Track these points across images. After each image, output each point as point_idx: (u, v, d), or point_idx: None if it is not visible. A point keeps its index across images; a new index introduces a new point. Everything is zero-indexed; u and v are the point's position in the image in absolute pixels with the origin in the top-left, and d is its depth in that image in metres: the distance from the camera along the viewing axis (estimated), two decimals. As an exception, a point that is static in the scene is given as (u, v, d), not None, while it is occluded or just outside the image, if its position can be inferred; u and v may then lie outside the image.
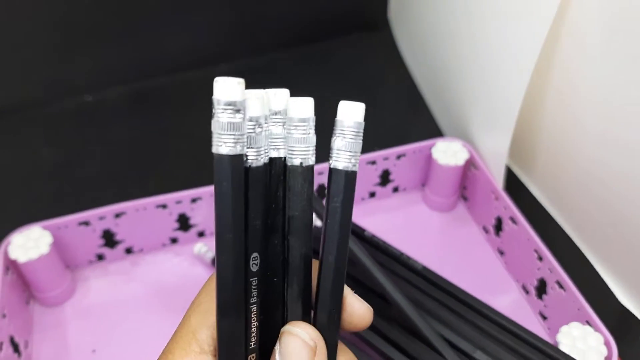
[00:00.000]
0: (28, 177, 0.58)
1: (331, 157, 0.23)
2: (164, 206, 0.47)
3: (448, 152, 0.50)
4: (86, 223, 0.46)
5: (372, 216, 0.53)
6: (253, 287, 0.23)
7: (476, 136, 0.51)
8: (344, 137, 0.23)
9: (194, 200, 0.48)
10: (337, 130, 0.23)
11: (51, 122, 0.64)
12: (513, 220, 0.46)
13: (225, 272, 0.21)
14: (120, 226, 0.47)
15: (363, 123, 0.24)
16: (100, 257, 0.49)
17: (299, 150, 0.24)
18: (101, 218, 0.46)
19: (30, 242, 0.44)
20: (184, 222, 0.49)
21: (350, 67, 0.73)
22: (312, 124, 0.24)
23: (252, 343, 0.23)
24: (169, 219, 0.48)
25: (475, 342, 0.38)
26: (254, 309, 0.23)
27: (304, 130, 0.24)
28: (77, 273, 0.49)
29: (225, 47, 0.72)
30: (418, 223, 0.53)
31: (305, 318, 0.24)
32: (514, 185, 0.55)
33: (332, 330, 0.24)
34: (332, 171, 0.23)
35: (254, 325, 0.23)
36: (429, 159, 0.52)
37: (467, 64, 0.51)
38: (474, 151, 0.51)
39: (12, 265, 0.44)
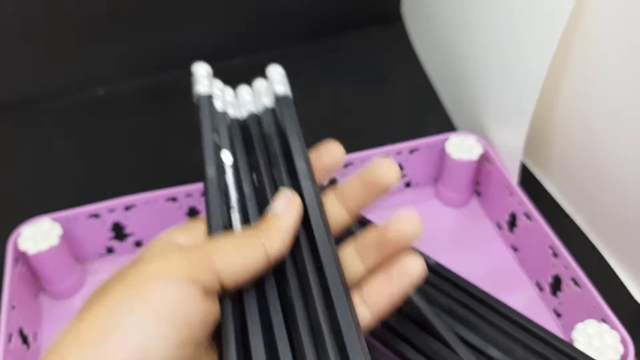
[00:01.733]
0: (39, 168, 0.58)
1: None
2: (174, 199, 0.47)
3: (462, 147, 0.50)
4: (96, 215, 0.46)
5: (384, 211, 0.52)
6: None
7: (491, 131, 0.50)
8: None
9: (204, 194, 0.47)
10: None
11: (64, 114, 0.64)
12: (527, 216, 0.45)
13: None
14: (130, 219, 0.47)
15: None
16: (110, 250, 0.49)
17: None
18: (111, 210, 0.46)
19: (40, 234, 0.44)
20: (194, 216, 0.48)
21: (363, 60, 0.72)
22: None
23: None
24: (179, 212, 0.48)
25: (488, 338, 0.37)
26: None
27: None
28: (87, 266, 0.48)
29: (239, 41, 0.71)
30: (431, 219, 0.52)
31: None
32: (528, 181, 0.54)
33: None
34: None
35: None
36: (442, 154, 0.51)
37: (482, 57, 0.50)
38: (488, 146, 0.50)
39: (21, 257, 0.44)
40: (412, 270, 0.29)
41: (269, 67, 0.38)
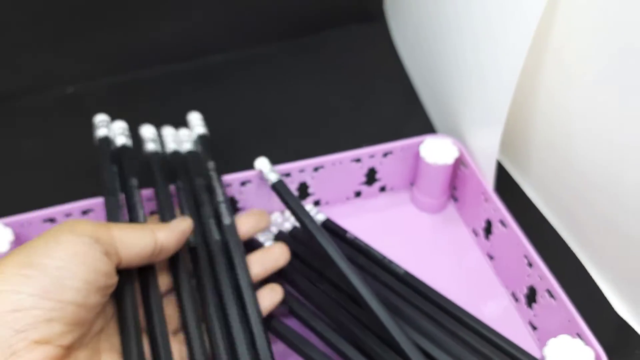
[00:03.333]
0: (4, 169, 0.56)
1: None
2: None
3: (437, 150, 0.47)
4: (51, 220, 0.44)
5: (357, 217, 0.50)
6: None
7: (467, 133, 0.48)
8: None
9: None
10: None
11: (31, 113, 0.62)
12: (503, 223, 0.43)
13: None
14: (88, 224, 0.45)
15: None
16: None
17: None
18: (67, 215, 0.44)
19: (-11, 240, 0.41)
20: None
21: (345, 59, 0.70)
22: None
23: None
24: (139, 217, 0.46)
25: (456, 355, 0.35)
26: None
27: None
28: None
29: (217, 39, 0.69)
30: (406, 225, 0.50)
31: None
32: (507, 186, 0.52)
33: None
34: None
35: None
36: (417, 157, 0.49)
37: (460, 57, 0.48)
38: (464, 149, 0.48)
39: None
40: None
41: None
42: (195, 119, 0.49)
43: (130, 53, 0.66)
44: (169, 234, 0.35)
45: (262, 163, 0.45)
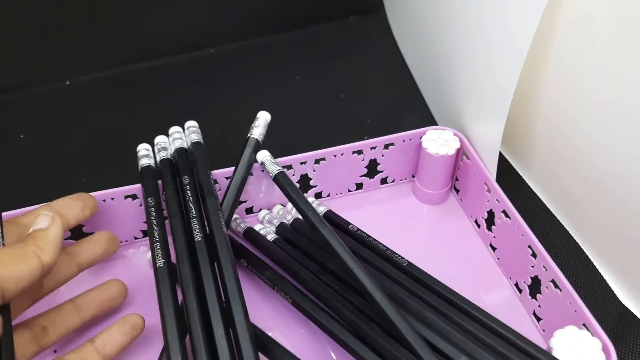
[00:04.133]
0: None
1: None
2: (133, 197, 0.44)
3: (439, 141, 0.47)
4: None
5: (359, 209, 0.50)
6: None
7: (469, 125, 0.48)
8: None
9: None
10: None
11: (29, 107, 0.62)
12: (506, 214, 0.43)
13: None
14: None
15: None
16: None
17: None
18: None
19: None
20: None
21: (344, 51, 0.70)
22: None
23: None
24: (139, 210, 0.45)
25: (461, 346, 0.35)
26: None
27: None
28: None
29: (215, 31, 0.69)
30: (407, 216, 0.50)
31: None
32: (510, 177, 0.52)
33: None
34: None
35: None
36: (419, 149, 0.49)
37: (461, 50, 0.48)
38: (465, 140, 0.47)
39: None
40: (136, 322, 0.37)
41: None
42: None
43: (126, 47, 0.65)
44: (53, 250, 0.32)
45: (263, 155, 0.44)
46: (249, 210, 0.49)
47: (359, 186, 0.51)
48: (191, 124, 0.46)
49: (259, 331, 0.37)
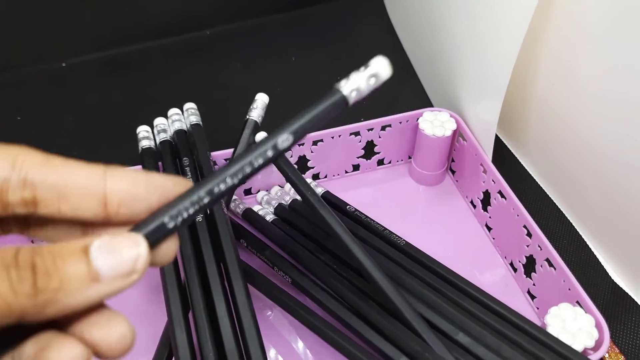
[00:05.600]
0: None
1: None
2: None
3: (435, 123, 0.48)
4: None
5: (356, 190, 0.51)
6: None
7: (465, 106, 0.48)
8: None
9: (165, 172, 0.45)
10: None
11: (24, 88, 0.62)
12: (501, 194, 0.44)
13: None
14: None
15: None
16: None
17: None
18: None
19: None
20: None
21: (340, 32, 0.70)
22: None
23: None
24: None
25: (458, 323, 0.36)
26: None
27: None
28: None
29: (210, 12, 0.69)
30: (404, 197, 0.50)
31: None
32: (505, 158, 0.52)
33: None
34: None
35: None
36: (415, 130, 0.49)
37: (457, 31, 0.48)
38: (462, 122, 0.48)
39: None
40: None
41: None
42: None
43: (122, 29, 0.65)
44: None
45: (262, 137, 0.45)
46: (248, 192, 0.49)
47: (356, 167, 0.51)
48: (190, 105, 0.46)
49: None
